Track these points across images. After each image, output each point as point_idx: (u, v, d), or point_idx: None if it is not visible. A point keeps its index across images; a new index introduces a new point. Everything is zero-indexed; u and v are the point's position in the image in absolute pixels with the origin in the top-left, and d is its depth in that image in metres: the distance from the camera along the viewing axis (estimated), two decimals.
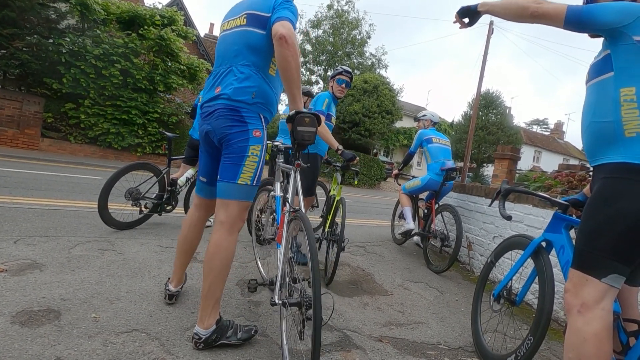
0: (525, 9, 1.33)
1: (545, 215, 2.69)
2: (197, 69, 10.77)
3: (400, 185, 4.07)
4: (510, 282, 1.84)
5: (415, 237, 4.15)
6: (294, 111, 1.48)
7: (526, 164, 24.50)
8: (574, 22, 1.24)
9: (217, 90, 1.53)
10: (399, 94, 20.30)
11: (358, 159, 2.89)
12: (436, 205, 3.66)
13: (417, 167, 26.30)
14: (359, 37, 21.90)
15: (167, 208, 3.34)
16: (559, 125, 36.00)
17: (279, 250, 1.55)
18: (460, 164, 16.18)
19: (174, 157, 3.36)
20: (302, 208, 1.64)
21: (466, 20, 1.64)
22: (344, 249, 2.55)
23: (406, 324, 2.19)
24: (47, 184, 4.67)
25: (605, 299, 1.14)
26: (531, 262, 1.76)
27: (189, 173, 3.45)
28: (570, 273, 1.24)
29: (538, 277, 1.68)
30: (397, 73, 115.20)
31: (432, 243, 3.87)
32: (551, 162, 25.42)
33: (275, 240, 1.70)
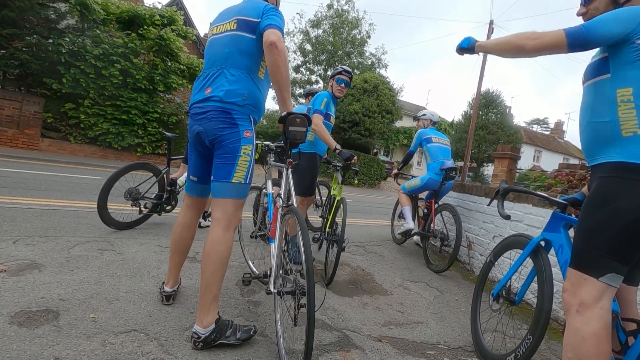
0: (521, 47, 1.33)
1: (545, 215, 2.68)
2: (197, 68, 10.75)
3: (399, 185, 4.07)
4: (510, 281, 1.84)
5: (415, 237, 4.14)
6: (285, 112, 1.58)
7: (526, 163, 24.53)
8: (578, 44, 1.22)
9: (208, 91, 1.56)
10: (399, 94, 20.29)
11: (356, 158, 2.89)
12: (436, 205, 3.66)
13: (417, 167, 26.30)
14: (359, 36, 21.85)
15: (167, 208, 3.34)
16: (559, 125, 35.97)
17: (272, 245, 1.65)
18: (460, 163, 16.20)
19: (173, 157, 3.36)
20: (295, 203, 1.73)
21: (465, 54, 1.72)
22: (344, 249, 2.55)
23: (406, 323, 2.19)
24: (47, 184, 4.67)
25: (603, 298, 1.14)
26: (530, 262, 1.76)
27: None
28: (569, 272, 1.24)
29: (537, 276, 1.68)
30: (397, 72, 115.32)
31: (432, 243, 3.87)
32: (551, 162, 25.45)
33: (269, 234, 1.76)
